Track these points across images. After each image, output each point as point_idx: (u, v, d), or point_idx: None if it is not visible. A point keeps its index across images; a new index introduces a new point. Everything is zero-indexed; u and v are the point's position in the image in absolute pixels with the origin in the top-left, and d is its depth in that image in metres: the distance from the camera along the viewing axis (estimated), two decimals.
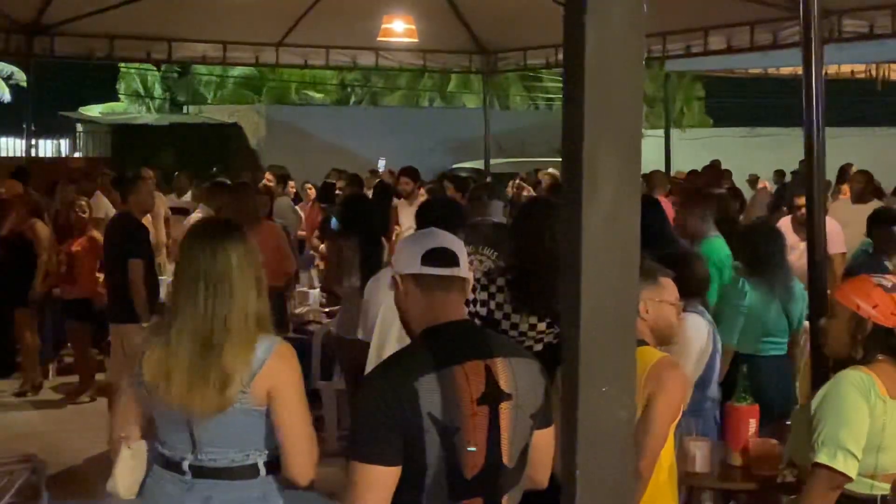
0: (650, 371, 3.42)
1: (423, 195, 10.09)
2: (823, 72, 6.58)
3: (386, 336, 4.55)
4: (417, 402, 2.60)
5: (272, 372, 3.09)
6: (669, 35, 11.19)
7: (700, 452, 4.26)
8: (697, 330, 4.83)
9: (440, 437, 2.62)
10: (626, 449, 1.76)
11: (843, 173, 13.64)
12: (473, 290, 4.25)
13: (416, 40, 11.54)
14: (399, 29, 11.24)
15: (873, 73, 13.62)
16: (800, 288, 5.85)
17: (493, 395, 2.70)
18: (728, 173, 15.37)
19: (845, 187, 10.95)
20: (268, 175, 13.09)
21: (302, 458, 3.10)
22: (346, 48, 13.04)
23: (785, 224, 8.11)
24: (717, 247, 6.65)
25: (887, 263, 6.75)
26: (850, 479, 3.22)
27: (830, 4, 8.45)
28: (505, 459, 2.73)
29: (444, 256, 2.81)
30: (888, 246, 6.95)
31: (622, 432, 1.75)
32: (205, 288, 3.09)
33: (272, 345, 3.12)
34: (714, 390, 4.97)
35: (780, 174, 16.93)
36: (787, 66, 14.12)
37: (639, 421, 3.35)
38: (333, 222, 9.82)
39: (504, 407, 2.71)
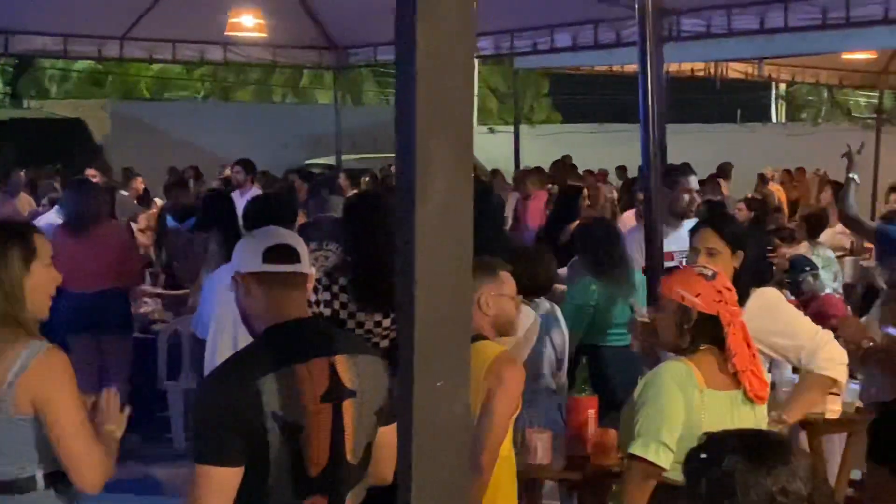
0: (490, 366, 3.44)
1: (258, 189, 10.02)
2: (665, 69, 6.77)
3: (217, 340, 4.46)
4: (260, 401, 2.59)
5: (33, 381, 2.92)
6: (517, 32, 11.31)
7: (541, 444, 4.29)
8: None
9: (283, 436, 2.61)
10: (461, 444, 1.76)
11: (724, 171, 14.22)
12: (315, 291, 4.19)
13: (265, 35, 11.40)
14: (247, 23, 11.08)
15: (712, 71, 14.08)
16: (640, 278, 5.95)
17: (336, 393, 2.69)
18: (574, 168, 15.69)
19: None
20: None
21: (80, 469, 2.96)
22: (193, 42, 12.77)
23: (629, 217, 8.31)
24: None
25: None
26: (664, 470, 3.26)
27: (669, 4, 8.68)
28: (349, 457, 2.73)
29: (285, 253, 2.79)
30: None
31: (458, 427, 1.75)
32: None
33: (35, 352, 2.95)
34: (549, 382, 5.02)
35: (622, 169, 17.36)
36: (630, 64, 14.46)
37: (479, 416, 3.38)
38: (169, 220, 9.67)
39: (348, 404, 2.71)
